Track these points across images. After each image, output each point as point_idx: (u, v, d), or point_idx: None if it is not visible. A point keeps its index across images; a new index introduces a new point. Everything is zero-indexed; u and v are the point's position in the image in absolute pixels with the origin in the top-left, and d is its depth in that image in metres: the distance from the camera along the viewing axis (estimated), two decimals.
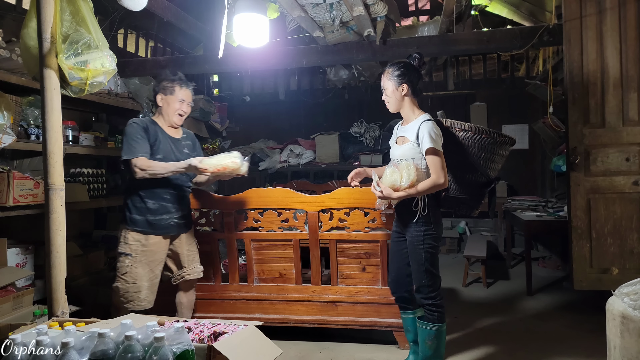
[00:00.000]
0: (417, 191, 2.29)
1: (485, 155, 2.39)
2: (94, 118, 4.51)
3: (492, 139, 2.37)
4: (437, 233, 2.44)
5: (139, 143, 2.55)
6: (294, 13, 3.31)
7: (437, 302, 2.44)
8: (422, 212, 2.37)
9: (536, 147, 6.09)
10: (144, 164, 2.51)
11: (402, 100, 2.46)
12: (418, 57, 2.48)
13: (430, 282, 2.42)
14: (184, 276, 2.80)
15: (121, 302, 2.61)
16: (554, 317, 3.60)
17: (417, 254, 2.40)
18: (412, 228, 2.41)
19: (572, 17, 3.19)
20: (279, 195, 3.04)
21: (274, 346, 1.71)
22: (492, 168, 2.47)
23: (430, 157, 2.29)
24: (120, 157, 2.58)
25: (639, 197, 3.13)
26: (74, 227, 4.14)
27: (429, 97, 6.70)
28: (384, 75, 2.49)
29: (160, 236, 2.66)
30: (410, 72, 2.43)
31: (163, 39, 5.51)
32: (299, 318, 3.08)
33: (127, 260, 2.60)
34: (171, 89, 2.69)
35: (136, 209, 2.62)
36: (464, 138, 2.38)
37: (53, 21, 1.97)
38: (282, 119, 6.83)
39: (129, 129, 2.60)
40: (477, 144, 2.35)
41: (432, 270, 2.42)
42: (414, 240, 2.40)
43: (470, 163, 2.41)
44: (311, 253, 3.04)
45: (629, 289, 1.97)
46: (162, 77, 2.76)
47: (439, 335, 2.44)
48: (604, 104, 3.18)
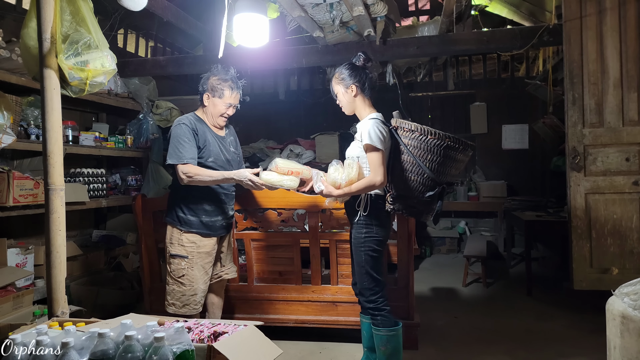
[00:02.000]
0: (352, 190, 2.27)
1: (433, 157, 2.26)
2: (94, 118, 4.52)
3: (439, 141, 2.23)
4: (379, 236, 2.35)
5: (186, 147, 2.45)
6: (294, 13, 3.31)
7: (379, 306, 2.35)
8: (364, 212, 2.33)
9: (536, 147, 6.09)
10: (191, 171, 2.42)
11: (353, 102, 2.46)
12: (363, 56, 2.47)
13: (372, 285, 2.35)
14: (222, 275, 2.76)
15: (176, 306, 2.53)
16: (554, 317, 3.60)
17: (358, 255, 2.37)
18: (354, 229, 2.39)
19: (572, 17, 3.19)
20: (279, 195, 3.04)
21: (274, 346, 1.71)
22: (442, 172, 2.30)
23: (369, 155, 2.28)
24: (167, 159, 2.49)
25: (639, 197, 3.13)
26: (74, 227, 4.14)
27: (429, 97, 6.71)
28: (332, 80, 2.49)
29: (215, 237, 2.61)
30: (357, 72, 2.43)
31: (163, 39, 5.51)
32: (299, 318, 3.08)
33: (183, 263, 2.51)
34: (221, 91, 2.54)
35: (191, 210, 2.53)
36: (411, 139, 2.28)
37: (53, 21, 1.97)
38: (282, 119, 6.83)
39: (177, 130, 2.48)
40: (423, 145, 2.24)
41: (373, 274, 2.34)
42: (355, 242, 2.37)
43: (415, 165, 2.30)
44: (311, 253, 3.04)
45: (629, 289, 1.97)
46: (213, 73, 2.58)
47: (390, 341, 2.35)
48: (604, 104, 3.18)
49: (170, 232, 2.57)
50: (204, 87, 2.58)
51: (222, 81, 2.55)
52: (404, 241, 2.97)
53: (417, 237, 3.47)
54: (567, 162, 3.25)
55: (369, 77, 2.45)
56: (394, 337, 2.35)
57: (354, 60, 2.47)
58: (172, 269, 2.55)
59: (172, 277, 2.54)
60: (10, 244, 3.19)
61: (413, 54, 3.93)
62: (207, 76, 2.60)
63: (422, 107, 6.75)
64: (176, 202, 2.56)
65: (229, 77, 2.57)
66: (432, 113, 6.76)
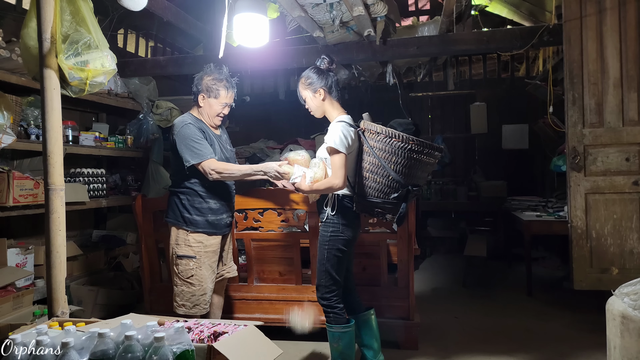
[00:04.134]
0: (314, 188, 2.33)
1: (397, 159, 2.26)
2: (94, 118, 4.52)
3: (403, 144, 2.24)
4: (345, 236, 2.38)
5: (203, 144, 2.46)
6: (294, 13, 3.31)
7: (332, 304, 2.41)
8: (331, 212, 2.38)
9: (536, 147, 6.09)
10: (219, 166, 2.45)
11: (322, 105, 2.49)
12: (327, 59, 2.50)
13: (328, 283, 2.40)
14: (224, 274, 2.77)
15: (186, 307, 2.53)
16: (554, 317, 3.60)
17: (321, 252, 2.41)
18: (321, 227, 2.44)
19: (572, 17, 3.19)
20: (279, 195, 3.05)
21: (274, 346, 1.71)
22: (407, 174, 2.29)
23: (331, 157, 2.32)
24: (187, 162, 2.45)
25: (639, 197, 3.13)
26: (74, 227, 4.14)
27: (429, 97, 6.71)
28: (299, 86, 2.52)
29: (220, 236, 2.62)
30: (324, 76, 2.46)
31: (163, 39, 5.51)
32: None
33: (191, 263, 2.51)
34: (216, 91, 2.53)
35: (196, 210, 2.52)
36: (377, 141, 2.30)
37: (53, 21, 1.97)
38: (282, 119, 6.83)
39: (186, 130, 2.47)
40: (389, 147, 2.26)
41: (332, 272, 2.39)
42: (321, 239, 2.42)
43: (380, 167, 2.32)
44: (311, 253, 3.04)
45: (629, 289, 1.97)
46: (206, 73, 2.56)
47: (343, 337, 2.40)
48: (604, 104, 3.18)
49: (176, 234, 2.56)
50: (199, 88, 2.57)
51: (217, 81, 2.54)
52: (404, 241, 2.97)
53: (417, 237, 3.47)
54: (567, 162, 3.25)
55: (334, 80, 2.49)
56: (346, 334, 2.41)
57: (318, 64, 2.50)
58: (180, 270, 2.53)
59: (181, 278, 2.53)
60: (10, 244, 3.19)
61: (413, 54, 3.93)
62: (200, 76, 2.59)
63: (422, 107, 6.75)
64: (179, 203, 2.55)
65: (223, 76, 2.56)
66: (432, 113, 6.77)
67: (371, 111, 6.79)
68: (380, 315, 3.00)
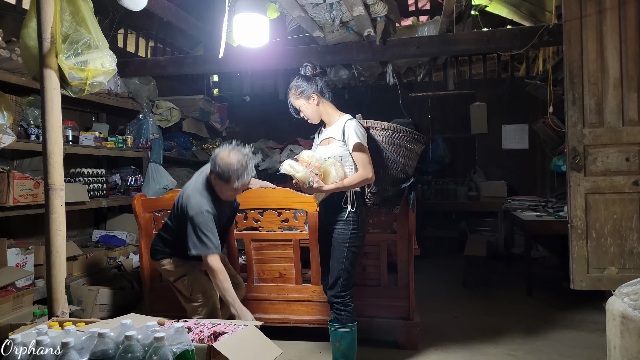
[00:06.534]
0: (344, 185, 2.34)
1: (403, 152, 2.51)
2: (94, 118, 4.52)
3: (408, 137, 2.50)
4: (362, 233, 2.46)
5: (210, 238, 2.41)
6: (294, 13, 3.31)
7: (346, 302, 2.43)
8: (352, 209, 2.40)
9: (536, 147, 6.08)
10: (218, 268, 2.40)
11: (318, 110, 2.52)
12: (309, 65, 2.52)
13: (345, 282, 2.42)
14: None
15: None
16: (554, 317, 3.60)
17: (340, 251, 2.41)
18: (339, 226, 2.42)
19: (572, 17, 3.19)
20: (279, 195, 3.05)
21: (274, 346, 1.71)
22: (409, 165, 2.57)
23: (358, 153, 2.36)
24: (189, 247, 2.44)
25: (639, 197, 3.13)
26: (74, 227, 4.14)
27: (429, 97, 6.70)
28: (290, 98, 2.55)
29: None
30: (312, 81, 2.48)
31: (163, 39, 5.52)
32: (299, 318, 3.08)
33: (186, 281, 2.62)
34: (227, 177, 2.41)
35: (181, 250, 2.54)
36: (384, 137, 2.49)
37: (53, 21, 1.97)
38: (282, 119, 6.80)
39: (200, 219, 2.40)
40: (397, 141, 2.47)
41: (350, 270, 2.43)
42: (340, 238, 2.42)
43: (390, 160, 2.52)
44: (311, 253, 3.03)
45: (629, 289, 1.97)
46: (222, 151, 2.47)
47: (347, 337, 2.42)
48: (604, 104, 3.17)
49: (160, 267, 2.68)
50: (213, 168, 2.48)
51: (228, 166, 2.40)
52: (404, 241, 2.97)
53: (417, 237, 3.47)
54: (567, 162, 3.24)
55: (323, 83, 2.52)
56: (349, 333, 2.42)
57: (303, 72, 2.52)
58: (182, 290, 2.64)
59: (186, 297, 2.64)
60: (10, 244, 3.19)
61: (413, 54, 3.93)
62: (216, 153, 2.49)
63: (422, 107, 6.75)
64: (165, 244, 2.66)
65: (237, 165, 2.40)
66: (432, 113, 6.76)
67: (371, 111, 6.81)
68: (380, 315, 3.01)
